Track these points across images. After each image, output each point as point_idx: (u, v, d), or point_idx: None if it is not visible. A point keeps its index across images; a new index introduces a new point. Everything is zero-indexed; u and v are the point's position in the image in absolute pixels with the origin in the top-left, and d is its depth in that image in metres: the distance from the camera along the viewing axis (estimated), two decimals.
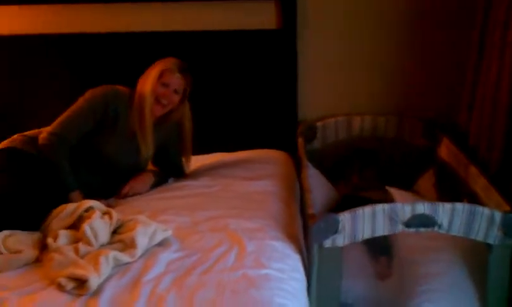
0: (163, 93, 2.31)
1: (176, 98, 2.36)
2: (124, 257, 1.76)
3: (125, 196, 2.33)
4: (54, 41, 2.77)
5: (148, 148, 2.34)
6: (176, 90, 2.34)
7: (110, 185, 2.35)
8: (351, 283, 1.98)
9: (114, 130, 2.28)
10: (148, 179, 2.42)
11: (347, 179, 2.62)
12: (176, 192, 2.35)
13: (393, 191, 2.29)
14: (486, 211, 1.78)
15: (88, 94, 2.30)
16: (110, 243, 1.87)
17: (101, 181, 2.31)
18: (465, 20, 2.57)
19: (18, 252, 1.79)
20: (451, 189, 2.42)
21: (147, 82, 2.30)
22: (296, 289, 1.70)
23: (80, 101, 2.29)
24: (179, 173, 2.56)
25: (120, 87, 2.36)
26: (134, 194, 2.35)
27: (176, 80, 2.33)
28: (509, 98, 2.10)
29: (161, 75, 2.30)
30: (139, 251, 1.79)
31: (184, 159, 2.54)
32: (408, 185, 2.70)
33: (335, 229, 1.82)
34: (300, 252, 1.93)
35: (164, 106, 2.34)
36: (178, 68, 2.33)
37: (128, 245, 1.82)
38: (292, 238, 1.98)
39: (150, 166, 2.55)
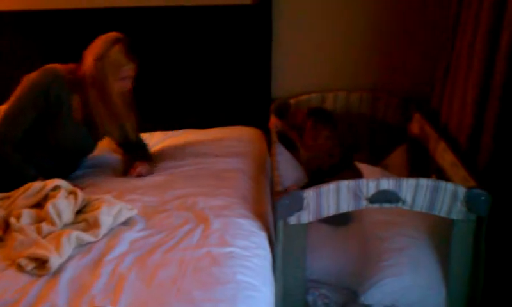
0: (125, 85, 2.24)
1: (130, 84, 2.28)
2: (87, 237, 1.75)
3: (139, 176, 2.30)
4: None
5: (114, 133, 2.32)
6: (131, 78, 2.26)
7: (63, 168, 2.29)
8: (315, 258, 1.98)
9: (58, 116, 2.18)
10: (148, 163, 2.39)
11: (302, 140, 2.51)
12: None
13: (363, 166, 2.29)
14: (449, 186, 1.79)
15: (26, 83, 2.16)
16: (74, 223, 1.85)
17: (53, 166, 2.24)
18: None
19: None
20: (421, 165, 2.43)
21: (107, 80, 2.18)
22: (259, 266, 1.71)
23: (19, 92, 2.16)
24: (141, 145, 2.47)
25: (60, 68, 2.20)
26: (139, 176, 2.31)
27: (133, 71, 2.23)
28: (480, 77, 2.09)
29: (120, 71, 2.18)
30: (102, 230, 1.78)
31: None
32: (381, 161, 2.71)
33: (299, 206, 1.82)
34: (267, 229, 1.94)
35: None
36: (132, 57, 2.19)
37: (92, 225, 1.81)
38: (259, 215, 1.98)
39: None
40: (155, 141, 2.69)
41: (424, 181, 1.79)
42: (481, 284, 1.87)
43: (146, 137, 2.62)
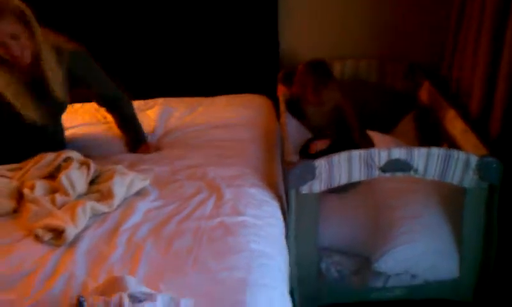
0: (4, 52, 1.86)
1: (17, 47, 1.86)
2: (101, 207, 1.76)
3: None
4: None
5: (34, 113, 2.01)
6: (5, 42, 1.84)
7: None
8: (327, 226, 2.00)
9: None
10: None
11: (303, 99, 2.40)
12: (153, 143, 2.34)
13: (374, 134, 2.29)
14: (461, 155, 1.79)
15: None
16: (87, 193, 1.86)
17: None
18: None
19: None
20: (431, 133, 2.42)
21: None
22: (272, 235, 1.72)
23: None
24: (119, 98, 2.31)
25: None
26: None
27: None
28: (490, 45, 2.08)
29: None
30: (116, 200, 1.79)
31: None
32: (390, 129, 2.71)
33: (311, 176, 1.83)
34: (279, 198, 1.95)
35: (16, 61, 1.90)
36: None
37: (106, 195, 1.81)
38: (270, 185, 1.99)
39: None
40: (159, 107, 2.67)
41: (435, 150, 1.79)
42: (494, 251, 1.89)
43: (153, 103, 2.63)
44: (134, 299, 1.27)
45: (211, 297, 1.38)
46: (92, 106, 2.66)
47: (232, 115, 2.54)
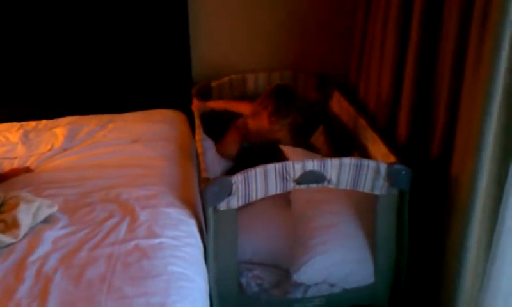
0: None
1: None
2: (6, 238, 1.65)
3: None
4: None
5: None
6: None
7: None
8: (246, 239, 1.99)
9: None
10: None
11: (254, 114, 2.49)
12: (62, 163, 2.22)
13: (285, 149, 2.31)
14: (371, 163, 1.85)
15: None
16: None
17: None
18: None
19: None
20: (342, 143, 2.48)
21: None
22: (191, 255, 1.69)
23: None
24: None
25: None
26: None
27: None
28: (394, 55, 2.17)
29: None
30: (22, 230, 1.68)
31: None
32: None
33: (228, 192, 1.81)
34: (196, 217, 1.91)
35: None
36: None
37: (10, 225, 1.70)
38: (187, 203, 1.95)
39: None
40: (67, 125, 2.56)
41: (347, 160, 1.84)
42: (406, 255, 1.97)
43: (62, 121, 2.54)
44: None
45: None
46: None
47: (145, 131, 2.48)
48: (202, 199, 1.93)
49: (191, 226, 1.83)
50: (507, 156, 1.63)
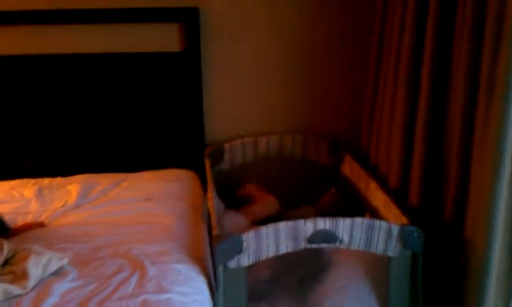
0: None
1: None
2: (15, 289, 1.64)
3: None
4: None
5: None
6: None
7: None
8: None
9: None
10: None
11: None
12: (75, 219, 2.23)
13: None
14: (383, 224, 1.84)
15: None
16: (0, 275, 1.73)
17: None
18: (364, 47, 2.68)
19: None
20: (354, 206, 2.48)
21: None
22: None
23: None
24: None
25: None
26: None
27: None
28: (404, 121, 2.19)
29: None
30: (31, 281, 1.68)
31: None
32: (314, 202, 2.75)
33: (239, 249, 1.80)
34: (206, 274, 1.90)
35: None
36: None
37: (20, 277, 1.69)
38: (197, 260, 1.94)
39: None
40: (81, 183, 2.59)
41: (359, 220, 1.83)
42: None
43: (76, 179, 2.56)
44: None
45: None
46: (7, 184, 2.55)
47: (158, 189, 2.50)
48: (212, 256, 1.92)
49: (200, 283, 1.81)
50: None
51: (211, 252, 2.05)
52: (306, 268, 2.12)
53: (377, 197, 2.21)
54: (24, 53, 2.65)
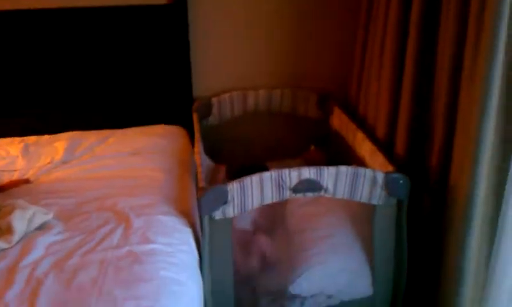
0: None
1: None
2: (0, 243, 1.64)
3: None
4: None
5: None
6: None
7: None
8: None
9: None
10: None
11: None
12: (61, 175, 2.22)
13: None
14: (368, 172, 1.83)
15: None
16: None
17: None
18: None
19: None
20: (342, 157, 2.47)
21: None
22: (184, 262, 1.67)
23: None
24: None
25: None
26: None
27: None
28: (392, 72, 2.17)
29: None
30: (16, 236, 1.68)
31: None
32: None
33: (224, 200, 1.80)
34: (192, 226, 1.90)
35: None
36: None
37: (4, 231, 1.70)
38: (184, 213, 1.94)
39: None
40: (67, 140, 2.57)
41: (344, 169, 1.82)
42: (405, 266, 1.93)
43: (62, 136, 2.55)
44: None
45: None
46: None
47: (145, 144, 2.48)
48: (198, 207, 1.92)
49: (186, 234, 1.81)
50: (505, 164, 1.62)
51: (198, 207, 2.04)
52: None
53: (364, 147, 2.20)
54: (6, 9, 2.58)
